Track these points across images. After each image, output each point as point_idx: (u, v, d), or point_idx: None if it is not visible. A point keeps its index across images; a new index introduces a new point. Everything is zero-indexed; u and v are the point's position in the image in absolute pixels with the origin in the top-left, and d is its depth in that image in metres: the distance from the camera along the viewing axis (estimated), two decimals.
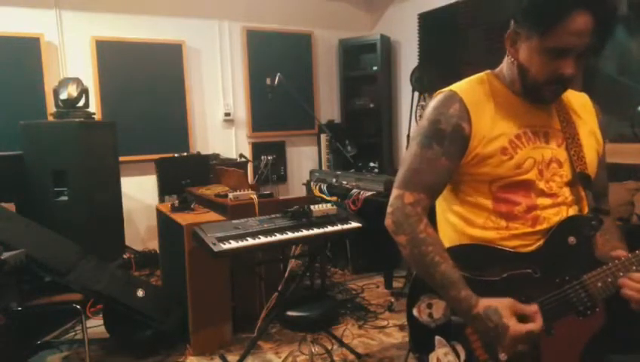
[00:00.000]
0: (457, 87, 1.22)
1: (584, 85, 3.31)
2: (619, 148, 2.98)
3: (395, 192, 1.22)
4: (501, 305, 1.07)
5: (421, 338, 1.23)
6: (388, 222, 1.21)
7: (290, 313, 2.14)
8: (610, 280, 1.09)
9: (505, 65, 1.22)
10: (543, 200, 1.17)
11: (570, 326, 1.11)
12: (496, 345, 1.10)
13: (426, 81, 4.30)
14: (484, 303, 1.09)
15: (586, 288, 1.10)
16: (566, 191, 1.19)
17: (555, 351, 1.11)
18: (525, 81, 1.15)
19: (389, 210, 1.22)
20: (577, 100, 1.28)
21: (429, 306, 1.22)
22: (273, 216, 2.72)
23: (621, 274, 1.08)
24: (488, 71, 1.26)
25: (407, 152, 1.24)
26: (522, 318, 1.07)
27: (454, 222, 1.25)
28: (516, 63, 1.16)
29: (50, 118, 3.74)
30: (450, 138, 1.16)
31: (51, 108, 3.82)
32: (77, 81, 3.61)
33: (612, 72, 3.39)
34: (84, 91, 3.62)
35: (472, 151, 1.16)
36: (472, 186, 1.21)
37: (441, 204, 1.31)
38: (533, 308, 1.08)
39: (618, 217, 2.61)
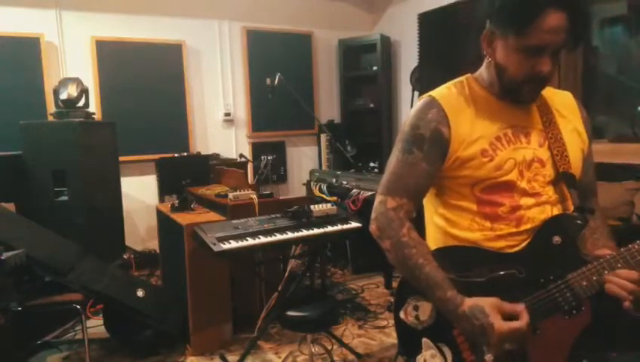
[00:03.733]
0: (436, 92, 1.23)
1: (584, 85, 3.32)
2: (619, 148, 2.98)
3: (378, 198, 1.24)
4: (487, 304, 1.08)
5: (409, 341, 1.23)
6: (372, 227, 1.24)
7: (290, 313, 2.13)
8: (595, 278, 1.08)
9: (484, 67, 1.23)
10: (526, 200, 1.17)
11: (556, 326, 1.11)
12: (483, 344, 1.10)
13: (426, 81, 4.30)
14: (470, 302, 1.09)
15: (571, 287, 1.10)
16: (549, 191, 1.19)
17: (541, 351, 1.11)
18: (503, 81, 1.16)
19: (372, 215, 1.24)
20: (560, 99, 1.28)
21: (416, 308, 1.22)
22: (273, 216, 2.72)
23: (606, 272, 1.08)
24: (468, 75, 1.27)
25: (390, 158, 1.25)
26: (508, 316, 1.07)
27: (440, 225, 1.26)
28: (493, 63, 1.16)
29: (50, 118, 3.74)
30: (430, 142, 1.18)
31: (51, 108, 3.81)
32: (77, 81, 3.61)
33: (612, 72, 3.40)
34: (84, 91, 3.62)
35: (452, 155, 1.17)
36: (455, 190, 1.22)
37: (428, 208, 1.33)
38: (519, 306, 1.09)
39: (618, 217, 2.61)
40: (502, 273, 1.15)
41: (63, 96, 3.53)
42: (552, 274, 1.13)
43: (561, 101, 1.28)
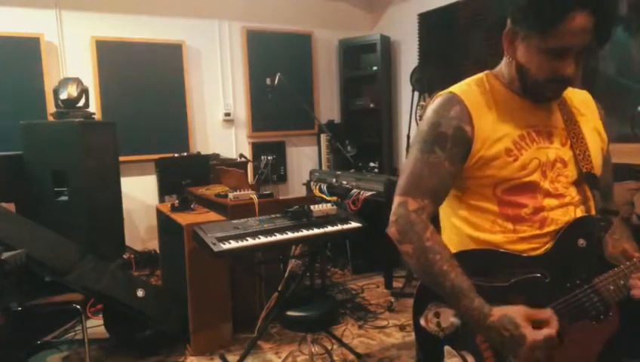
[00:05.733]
0: (457, 88, 1.19)
1: (584, 85, 3.31)
2: (619, 148, 2.98)
3: (397, 199, 1.17)
4: (516, 313, 1.03)
5: (430, 349, 1.19)
6: (392, 230, 1.16)
7: (290, 313, 2.13)
8: (622, 282, 1.05)
9: (504, 65, 1.19)
10: (549, 201, 1.13)
11: (583, 332, 1.08)
12: (511, 354, 1.06)
13: (426, 81, 4.29)
14: (499, 312, 1.04)
15: (598, 292, 1.06)
16: (572, 191, 1.16)
17: (568, 358, 1.07)
18: (524, 81, 1.12)
19: (392, 218, 1.16)
20: (579, 98, 1.25)
21: (437, 315, 1.17)
22: (273, 216, 2.72)
23: (634, 276, 1.04)
24: (487, 71, 1.23)
25: (408, 158, 1.20)
26: (536, 323, 1.03)
27: (460, 227, 1.21)
28: (514, 63, 1.13)
29: (50, 118, 3.74)
30: (453, 141, 1.13)
31: (51, 108, 3.82)
32: (77, 81, 3.61)
33: (612, 72, 3.39)
34: (84, 91, 3.62)
35: (475, 154, 1.13)
36: (476, 191, 1.17)
37: (445, 209, 1.28)
38: (547, 312, 1.05)
39: None
40: (526, 277, 1.10)
41: (63, 96, 3.53)
42: (577, 279, 1.09)
43: (580, 99, 1.25)
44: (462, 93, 1.16)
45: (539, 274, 1.11)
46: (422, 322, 1.20)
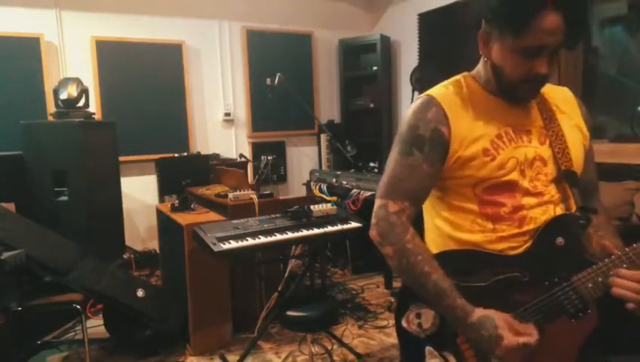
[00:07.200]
0: (434, 91, 1.21)
1: (584, 85, 3.32)
2: (619, 148, 2.98)
3: (378, 202, 1.20)
4: (497, 316, 1.05)
5: (412, 349, 1.20)
6: (373, 233, 1.19)
7: (290, 313, 2.13)
8: (600, 279, 1.06)
9: (481, 65, 1.21)
10: (528, 200, 1.14)
11: (563, 329, 1.09)
12: (489, 355, 1.07)
13: (426, 81, 4.29)
14: (480, 312, 1.07)
15: (576, 289, 1.08)
16: (552, 190, 1.17)
17: (548, 356, 1.08)
18: (500, 81, 1.14)
19: (373, 220, 1.20)
20: (559, 95, 1.26)
21: (418, 316, 1.19)
22: (273, 216, 2.72)
23: (611, 273, 1.05)
24: (465, 73, 1.25)
25: (388, 160, 1.21)
26: (517, 333, 1.04)
27: (442, 228, 1.23)
28: (490, 63, 1.14)
29: (50, 118, 3.74)
30: (430, 143, 1.15)
31: (51, 108, 3.82)
32: (77, 81, 3.61)
33: (612, 72, 3.40)
34: (84, 91, 3.62)
35: (453, 155, 1.15)
36: (457, 191, 1.19)
37: (428, 210, 1.29)
38: (529, 327, 1.06)
39: (618, 217, 2.60)
40: (504, 276, 1.12)
41: (63, 96, 3.53)
42: (556, 277, 1.10)
43: (560, 96, 1.26)
44: (439, 96, 1.18)
45: (517, 274, 1.12)
46: (403, 323, 1.21)
